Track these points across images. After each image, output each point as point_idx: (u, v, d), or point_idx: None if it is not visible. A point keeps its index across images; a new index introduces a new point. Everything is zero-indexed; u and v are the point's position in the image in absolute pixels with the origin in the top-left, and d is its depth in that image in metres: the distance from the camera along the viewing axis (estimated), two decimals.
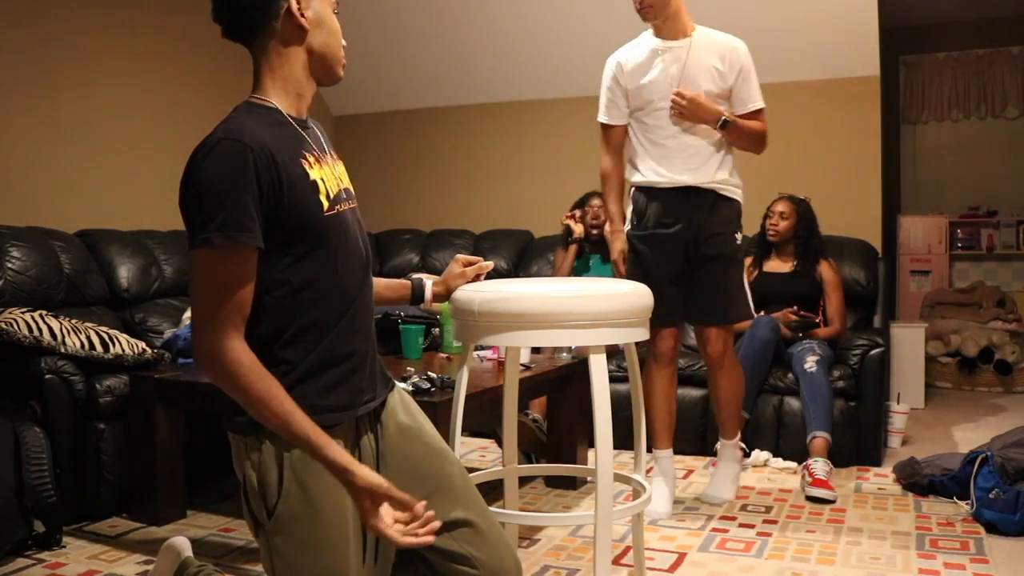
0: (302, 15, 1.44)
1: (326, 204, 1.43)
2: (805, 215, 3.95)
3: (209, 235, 1.30)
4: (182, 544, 2.01)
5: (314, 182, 1.42)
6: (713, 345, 3.03)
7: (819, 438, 3.37)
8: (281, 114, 1.45)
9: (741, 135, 2.94)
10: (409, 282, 1.86)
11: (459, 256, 1.92)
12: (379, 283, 1.77)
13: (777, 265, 3.96)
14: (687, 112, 2.87)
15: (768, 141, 3.00)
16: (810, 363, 3.52)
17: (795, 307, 3.78)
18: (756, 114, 2.94)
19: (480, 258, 1.93)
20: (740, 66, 2.90)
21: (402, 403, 1.62)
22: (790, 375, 3.64)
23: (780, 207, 3.96)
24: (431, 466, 1.58)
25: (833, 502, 3.07)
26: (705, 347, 3.06)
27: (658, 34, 2.96)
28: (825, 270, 3.89)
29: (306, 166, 1.42)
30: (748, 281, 3.88)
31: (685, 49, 2.91)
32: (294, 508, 1.40)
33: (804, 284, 3.87)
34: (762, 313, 3.80)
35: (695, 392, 3.78)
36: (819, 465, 3.22)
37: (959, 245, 6.42)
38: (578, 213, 4.36)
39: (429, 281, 1.89)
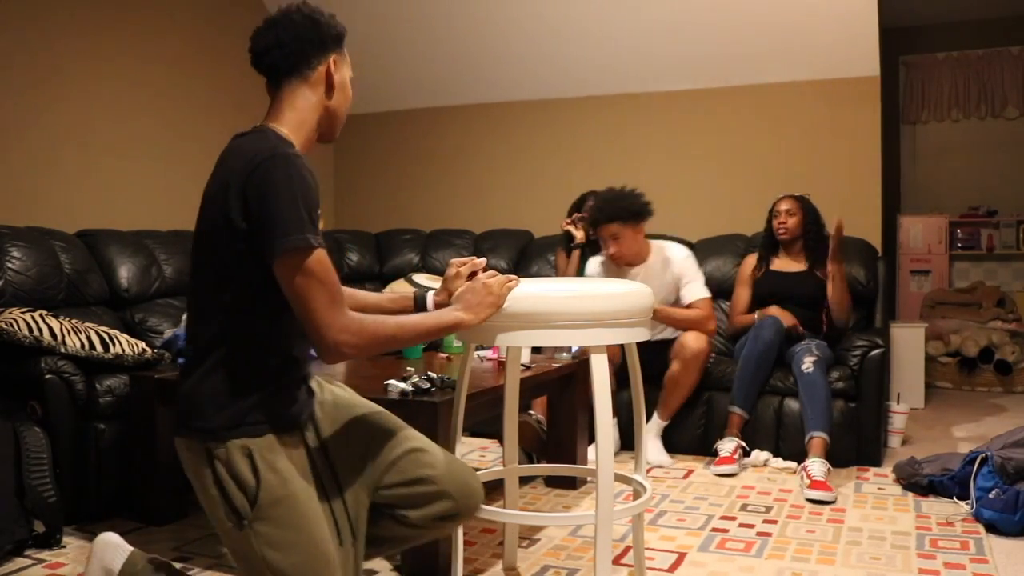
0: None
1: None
2: (811, 211, 3.94)
3: (319, 236, 1.48)
4: (112, 541, 1.74)
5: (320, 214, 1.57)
6: (702, 309, 3.62)
7: (817, 438, 3.36)
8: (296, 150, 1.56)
9: (673, 325, 3.67)
10: (411, 296, 1.94)
11: (453, 260, 1.96)
12: (382, 298, 1.89)
13: (787, 264, 3.94)
14: None
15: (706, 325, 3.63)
16: (807, 364, 3.50)
17: (797, 326, 3.75)
18: (697, 302, 3.61)
19: (472, 257, 1.97)
20: (677, 275, 3.63)
21: (318, 386, 1.73)
22: (790, 376, 3.63)
23: (785, 205, 3.94)
24: (368, 427, 1.70)
25: (832, 502, 3.07)
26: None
27: None
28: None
29: None
30: (754, 279, 3.94)
31: (640, 273, 3.62)
32: (275, 492, 1.50)
33: (811, 284, 3.85)
34: (758, 313, 3.81)
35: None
36: (816, 466, 3.21)
37: (959, 245, 6.41)
38: (576, 216, 4.36)
39: (430, 292, 1.96)
